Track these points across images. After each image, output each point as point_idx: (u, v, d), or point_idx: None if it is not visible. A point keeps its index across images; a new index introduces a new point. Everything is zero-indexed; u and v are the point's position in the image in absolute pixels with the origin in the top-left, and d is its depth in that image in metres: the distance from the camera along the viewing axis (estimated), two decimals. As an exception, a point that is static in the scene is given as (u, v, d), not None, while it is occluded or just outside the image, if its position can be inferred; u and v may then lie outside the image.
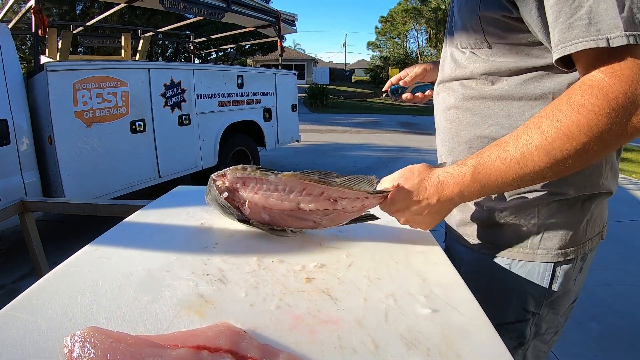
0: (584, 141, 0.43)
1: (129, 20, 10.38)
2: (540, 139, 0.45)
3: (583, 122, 0.43)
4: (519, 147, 0.47)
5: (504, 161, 0.48)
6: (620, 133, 0.42)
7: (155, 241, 0.62)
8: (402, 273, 0.52)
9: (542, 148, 0.45)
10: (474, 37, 0.58)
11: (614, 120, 0.42)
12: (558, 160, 0.45)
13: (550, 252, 0.60)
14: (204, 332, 0.37)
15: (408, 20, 26.87)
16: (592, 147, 0.43)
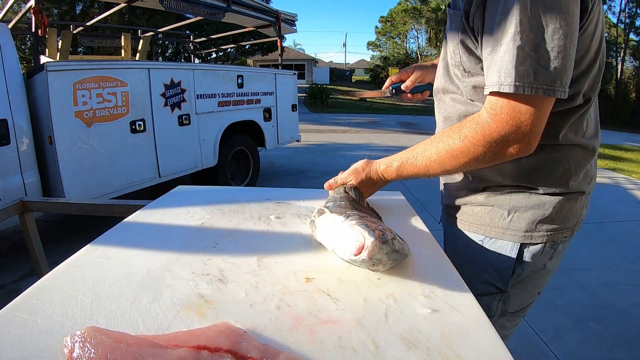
0: (465, 161, 0.60)
1: (129, 20, 10.38)
2: (436, 156, 0.63)
3: (464, 149, 0.59)
4: (424, 159, 0.65)
5: (415, 167, 0.67)
6: (494, 157, 0.58)
7: (155, 241, 0.62)
8: (402, 273, 0.52)
9: (437, 162, 0.63)
10: (456, 59, 0.67)
11: (488, 150, 0.57)
12: (448, 169, 0.63)
13: (517, 232, 0.68)
14: (204, 332, 0.37)
15: (408, 20, 26.86)
16: (471, 165, 0.60)
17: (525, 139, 0.55)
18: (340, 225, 0.52)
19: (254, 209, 0.78)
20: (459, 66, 0.66)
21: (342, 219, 0.53)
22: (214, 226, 0.69)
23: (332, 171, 3.70)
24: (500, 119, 0.54)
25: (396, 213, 0.76)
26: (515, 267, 0.69)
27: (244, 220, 0.72)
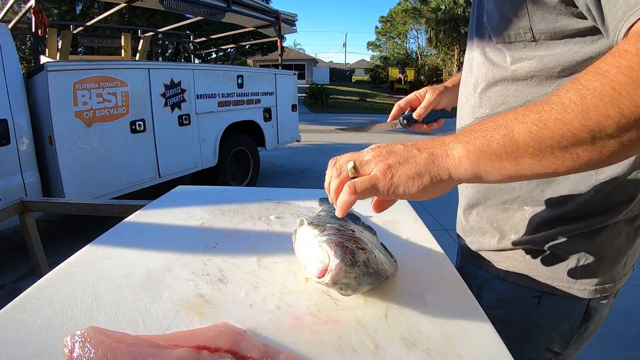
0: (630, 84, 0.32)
1: (129, 20, 10.38)
2: (561, 117, 0.34)
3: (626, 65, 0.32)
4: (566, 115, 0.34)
5: (543, 139, 0.35)
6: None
7: (155, 241, 0.62)
8: (402, 273, 0.52)
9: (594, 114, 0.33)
10: (516, 27, 0.49)
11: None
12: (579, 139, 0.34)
13: (588, 287, 0.53)
14: (204, 332, 0.37)
15: (408, 20, 26.87)
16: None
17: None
18: (312, 240, 0.45)
19: (254, 209, 0.78)
20: (524, 34, 0.49)
21: (316, 233, 0.46)
22: (214, 226, 0.69)
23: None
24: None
25: (395, 214, 0.76)
26: (581, 326, 0.55)
27: (244, 220, 0.72)
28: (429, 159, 0.39)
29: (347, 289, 0.42)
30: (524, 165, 0.36)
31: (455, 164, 0.38)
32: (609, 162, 0.35)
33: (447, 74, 24.25)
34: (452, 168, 0.38)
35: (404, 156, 0.40)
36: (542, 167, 0.35)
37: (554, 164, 0.35)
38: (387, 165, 0.40)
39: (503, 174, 0.37)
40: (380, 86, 27.02)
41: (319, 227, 0.48)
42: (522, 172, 0.36)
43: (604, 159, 0.34)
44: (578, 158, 0.34)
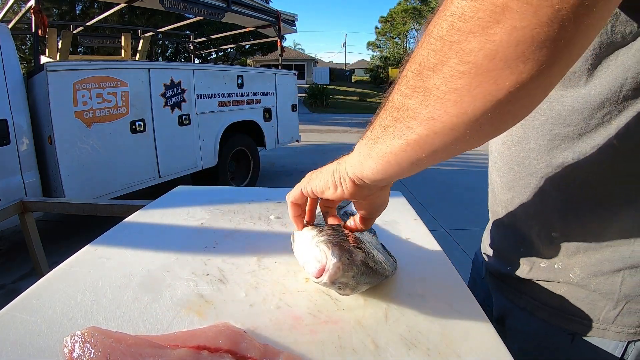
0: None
1: (129, 20, 10.38)
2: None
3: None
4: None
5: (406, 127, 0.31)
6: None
7: (155, 241, 0.62)
8: (402, 273, 0.52)
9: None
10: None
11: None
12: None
13: (626, 329, 0.46)
14: (204, 332, 0.37)
15: (408, 20, 26.88)
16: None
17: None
18: (310, 241, 0.45)
19: (254, 209, 0.78)
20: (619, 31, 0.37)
21: (314, 234, 0.46)
22: (214, 226, 0.69)
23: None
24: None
25: (395, 214, 0.76)
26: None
27: (244, 220, 0.72)
28: (336, 163, 0.46)
29: (346, 289, 0.42)
30: (412, 121, 0.29)
31: (359, 163, 0.39)
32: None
33: (447, 74, 24.17)
34: (359, 171, 0.39)
35: (319, 170, 0.49)
36: (431, 113, 0.28)
37: (440, 98, 0.27)
38: (307, 175, 0.50)
39: (400, 147, 0.32)
40: (380, 86, 27.03)
41: (317, 227, 0.49)
42: (416, 138, 0.30)
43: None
44: (466, 61, 0.25)
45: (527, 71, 0.23)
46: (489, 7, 0.23)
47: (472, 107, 0.26)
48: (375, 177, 0.38)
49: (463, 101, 0.26)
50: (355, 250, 0.42)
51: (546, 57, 0.23)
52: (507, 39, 0.23)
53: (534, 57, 0.23)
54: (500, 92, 0.24)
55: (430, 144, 0.29)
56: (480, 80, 0.25)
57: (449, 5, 0.25)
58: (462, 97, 0.26)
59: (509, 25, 0.22)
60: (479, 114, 0.26)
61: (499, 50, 0.23)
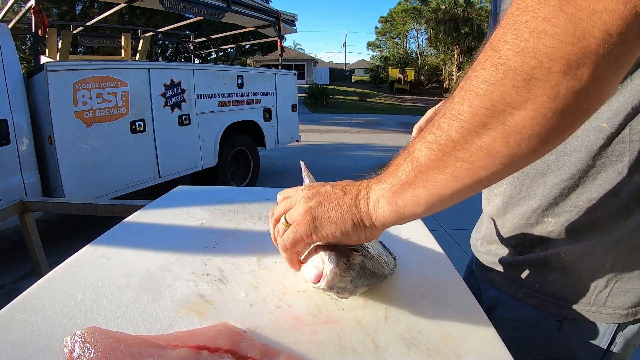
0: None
1: (129, 20, 10.38)
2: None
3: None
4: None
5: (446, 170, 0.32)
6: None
7: (155, 241, 0.62)
8: (402, 273, 0.52)
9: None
10: None
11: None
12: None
13: (618, 311, 0.46)
14: (204, 332, 0.37)
15: (408, 20, 26.88)
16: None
17: None
18: (307, 246, 0.44)
19: (254, 209, 0.78)
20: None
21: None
22: (214, 226, 0.69)
23: (332, 171, 3.68)
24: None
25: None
26: (604, 355, 0.48)
27: (244, 220, 0.72)
28: (352, 202, 0.38)
29: (344, 292, 0.42)
30: (437, 184, 0.32)
31: (374, 206, 0.37)
32: (539, 148, 0.28)
33: (447, 74, 24.26)
34: (372, 211, 0.37)
35: (328, 196, 0.39)
36: (456, 179, 0.31)
37: (468, 170, 0.30)
38: (308, 208, 0.39)
39: (422, 202, 0.34)
40: (380, 86, 27.04)
41: None
42: (440, 193, 0.32)
43: (530, 146, 0.28)
44: (492, 152, 0.28)
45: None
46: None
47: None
48: (405, 219, 0.37)
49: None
50: (352, 254, 0.42)
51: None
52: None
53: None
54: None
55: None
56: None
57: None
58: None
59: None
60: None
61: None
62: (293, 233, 0.39)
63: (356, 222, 0.38)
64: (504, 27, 0.27)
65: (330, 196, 0.39)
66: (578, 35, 0.23)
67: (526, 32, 0.25)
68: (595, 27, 0.23)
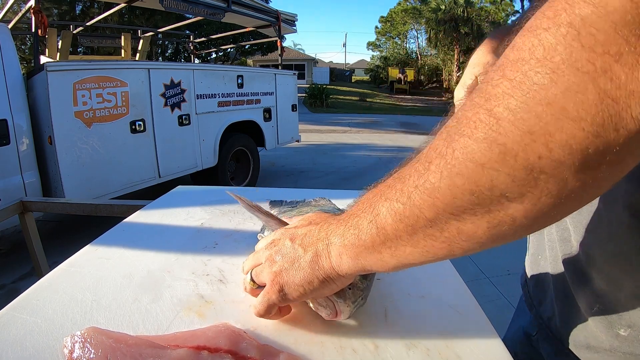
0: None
1: (128, 20, 10.38)
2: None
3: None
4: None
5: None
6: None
7: (155, 241, 0.62)
8: (402, 273, 0.52)
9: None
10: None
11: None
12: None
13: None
14: (204, 333, 0.37)
15: (408, 20, 26.88)
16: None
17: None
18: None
19: (254, 209, 0.78)
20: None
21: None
22: (214, 226, 0.69)
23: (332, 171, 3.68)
24: None
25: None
26: None
27: (244, 220, 0.72)
28: (313, 260, 0.35)
29: (361, 306, 0.41)
30: (407, 255, 0.28)
31: (338, 261, 0.33)
32: (525, 234, 0.24)
33: (447, 74, 24.26)
34: (336, 266, 0.33)
35: (290, 258, 0.36)
36: (429, 253, 0.27)
37: (442, 248, 0.26)
38: (274, 273, 0.37)
39: (389, 266, 0.30)
40: (380, 86, 27.04)
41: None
42: (410, 262, 0.29)
43: (515, 234, 0.23)
44: (473, 237, 0.24)
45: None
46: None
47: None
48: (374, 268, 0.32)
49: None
50: (355, 280, 0.40)
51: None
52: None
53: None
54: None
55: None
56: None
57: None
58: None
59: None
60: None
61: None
62: (265, 302, 0.37)
63: (322, 279, 0.35)
64: (510, 78, 0.20)
65: (292, 257, 0.36)
66: (607, 125, 0.17)
67: (539, 104, 0.18)
68: (631, 115, 0.17)
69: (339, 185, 4.58)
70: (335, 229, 0.34)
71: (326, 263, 0.34)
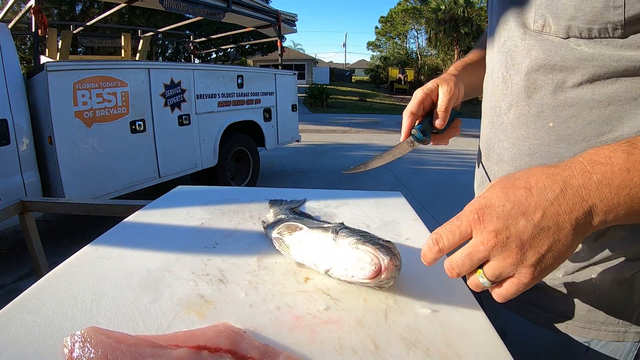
0: None
1: (129, 20, 10.38)
2: None
3: None
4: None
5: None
6: None
7: (155, 241, 0.62)
8: (402, 273, 0.52)
9: None
10: (603, 20, 0.38)
11: None
12: None
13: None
14: (204, 332, 0.37)
15: (408, 20, 26.89)
16: None
17: None
18: (335, 243, 0.46)
19: (254, 209, 0.78)
20: (613, 30, 0.38)
21: (332, 237, 0.47)
22: (214, 226, 0.69)
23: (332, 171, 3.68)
24: None
25: (395, 214, 0.76)
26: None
27: (244, 220, 0.72)
28: (576, 228, 0.31)
29: (390, 282, 0.44)
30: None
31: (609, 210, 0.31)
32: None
33: (447, 74, 24.19)
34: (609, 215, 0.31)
35: (548, 243, 0.31)
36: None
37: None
38: (532, 267, 0.32)
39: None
40: (380, 86, 27.03)
41: (321, 228, 0.50)
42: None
43: None
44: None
45: None
46: None
47: None
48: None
49: None
50: (389, 245, 0.45)
51: None
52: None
53: None
54: None
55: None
56: None
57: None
58: None
59: None
60: None
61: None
62: (518, 290, 0.34)
63: (580, 238, 0.32)
64: None
65: (546, 237, 0.32)
66: None
67: None
68: None
69: (339, 185, 4.58)
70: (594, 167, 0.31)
71: (597, 219, 0.31)
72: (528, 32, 0.45)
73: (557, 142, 0.45)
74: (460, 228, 0.34)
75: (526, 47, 0.45)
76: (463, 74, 0.62)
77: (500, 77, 0.51)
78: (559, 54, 0.42)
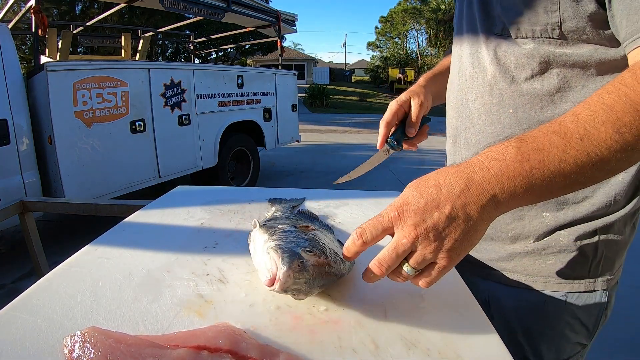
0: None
1: (128, 20, 10.38)
2: (606, 114, 0.35)
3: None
4: (581, 123, 0.36)
5: (563, 135, 0.36)
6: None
7: (155, 241, 0.62)
8: (402, 273, 0.52)
9: (610, 123, 0.35)
10: (543, 23, 0.47)
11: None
12: (627, 141, 0.35)
13: (609, 277, 0.54)
14: (204, 332, 0.37)
15: (408, 20, 26.90)
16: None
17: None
18: (262, 246, 0.45)
19: (254, 209, 0.78)
20: (552, 31, 0.47)
21: (265, 238, 0.46)
22: (214, 226, 0.69)
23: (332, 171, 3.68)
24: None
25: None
26: (601, 315, 0.56)
27: (244, 220, 0.72)
28: (483, 217, 0.37)
29: (299, 294, 0.41)
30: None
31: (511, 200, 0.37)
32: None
33: (447, 74, 24.22)
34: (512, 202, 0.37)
35: (458, 228, 0.36)
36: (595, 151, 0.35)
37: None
38: (449, 252, 0.37)
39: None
40: (380, 86, 27.04)
41: (269, 230, 0.48)
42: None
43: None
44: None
45: None
46: None
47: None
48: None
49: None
50: (306, 255, 0.41)
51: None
52: None
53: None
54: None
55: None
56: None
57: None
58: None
59: None
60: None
61: None
62: (440, 275, 0.39)
63: (487, 226, 0.38)
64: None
65: (459, 226, 0.36)
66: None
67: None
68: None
69: (338, 185, 4.58)
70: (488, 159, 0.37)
71: (500, 205, 0.37)
72: (490, 36, 0.54)
73: (517, 124, 0.53)
74: (382, 223, 0.38)
75: (490, 47, 0.54)
76: (431, 84, 0.70)
77: (468, 74, 0.59)
78: (513, 52, 0.51)
